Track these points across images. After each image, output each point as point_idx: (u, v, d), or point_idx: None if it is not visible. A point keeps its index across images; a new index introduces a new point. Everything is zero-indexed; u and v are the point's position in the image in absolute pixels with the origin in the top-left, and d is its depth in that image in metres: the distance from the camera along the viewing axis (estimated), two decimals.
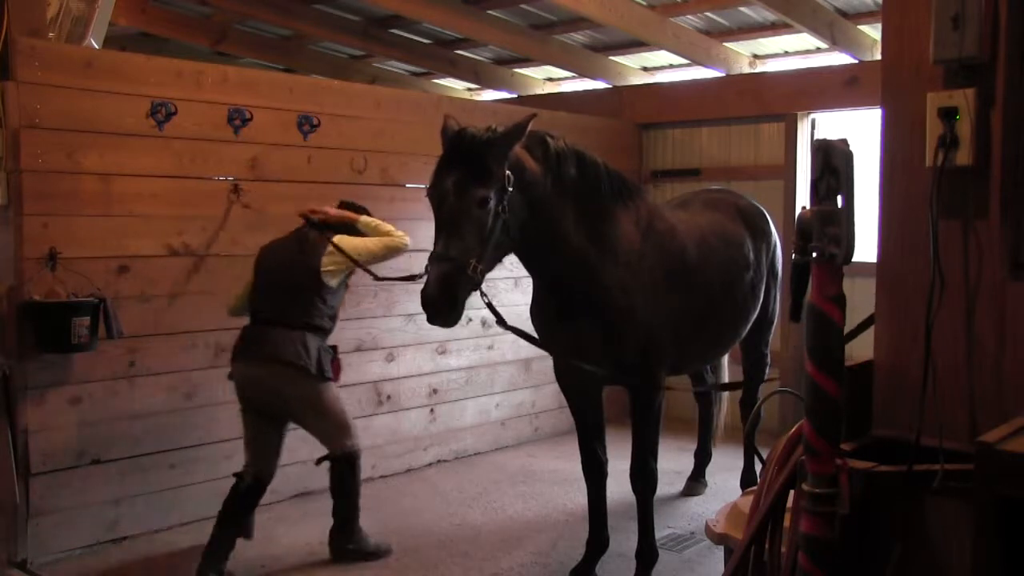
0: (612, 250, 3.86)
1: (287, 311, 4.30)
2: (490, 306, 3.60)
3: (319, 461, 4.49)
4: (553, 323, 4.03)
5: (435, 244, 3.40)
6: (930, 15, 2.20)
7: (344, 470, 4.46)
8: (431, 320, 3.39)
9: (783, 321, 6.11)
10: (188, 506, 4.90)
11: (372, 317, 5.69)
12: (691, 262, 4.19)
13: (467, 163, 3.39)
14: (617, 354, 3.92)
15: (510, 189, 3.44)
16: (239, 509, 4.29)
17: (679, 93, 7.55)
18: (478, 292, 3.46)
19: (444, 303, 3.32)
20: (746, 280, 4.65)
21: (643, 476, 4.11)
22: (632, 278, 3.88)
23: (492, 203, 3.38)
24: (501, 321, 3.76)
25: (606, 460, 4.28)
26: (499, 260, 3.66)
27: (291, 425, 4.50)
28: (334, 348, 4.46)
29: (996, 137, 2.16)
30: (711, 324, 4.43)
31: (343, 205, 4.63)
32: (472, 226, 3.35)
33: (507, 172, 3.43)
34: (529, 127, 3.50)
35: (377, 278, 4.57)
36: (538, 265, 3.88)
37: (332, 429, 4.43)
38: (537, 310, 4.13)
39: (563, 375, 4.26)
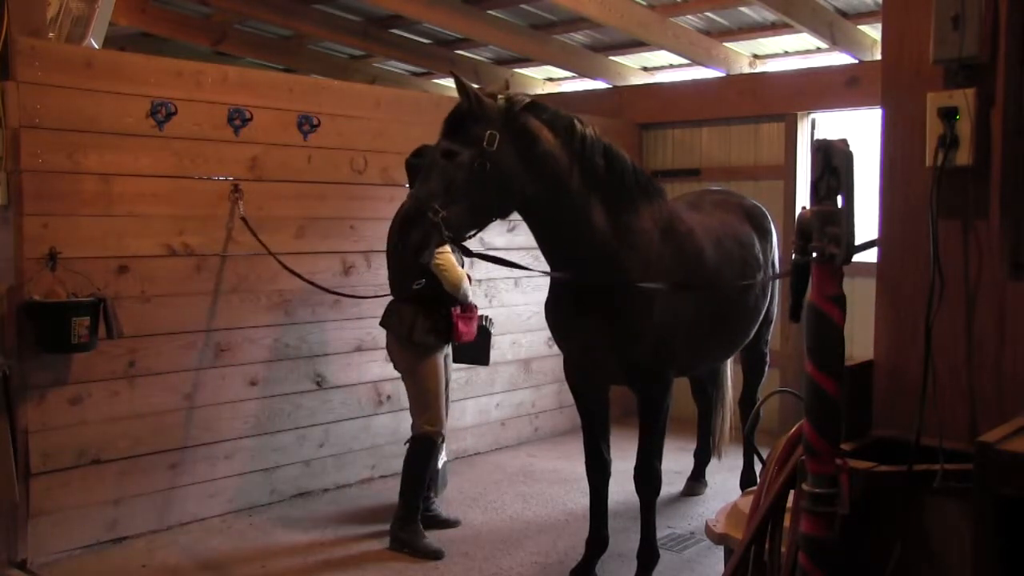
0: (633, 246, 3.88)
1: (391, 282, 4.78)
2: (453, 239, 3.70)
3: (406, 442, 4.75)
4: (567, 319, 4.03)
5: None
6: (930, 15, 2.20)
7: (412, 451, 4.65)
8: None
9: (783, 320, 6.11)
10: (188, 506, 4.91)
11: (372, 317, 5.66)
12: (709, 264, 4.20)
13: (446, 121, 3.68)
14: (630, 353, 3.92)
15: (490, 148, 3.54)
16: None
17: (679, 93, 7.55)
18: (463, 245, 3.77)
19: (402, 233, 3.64)
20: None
21: (647, 477, 4.11)
22: (650, 277, 3.88)
23: (463, 157, 3.56)
24: (466, 251, 3.99)
25: (610, 460, 4.29)
26: (483, 215, 3.73)
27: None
28: (447, 310, 4.62)
29: (996, 137, 2.16)
30: (725, 326, 4.44)
31: None
32: (437, 175, 3.59)
33: (490, 132, 3.55)
34: (465, 88, 3.59)
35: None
36: (557, 247, 3.89)
37: (417, 404, 4.68)
38: (553, 304, 4.13)
39: (572, 373, 4.26)
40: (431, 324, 4.57)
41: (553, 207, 3.75)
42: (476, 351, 5.02)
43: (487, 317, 5.15)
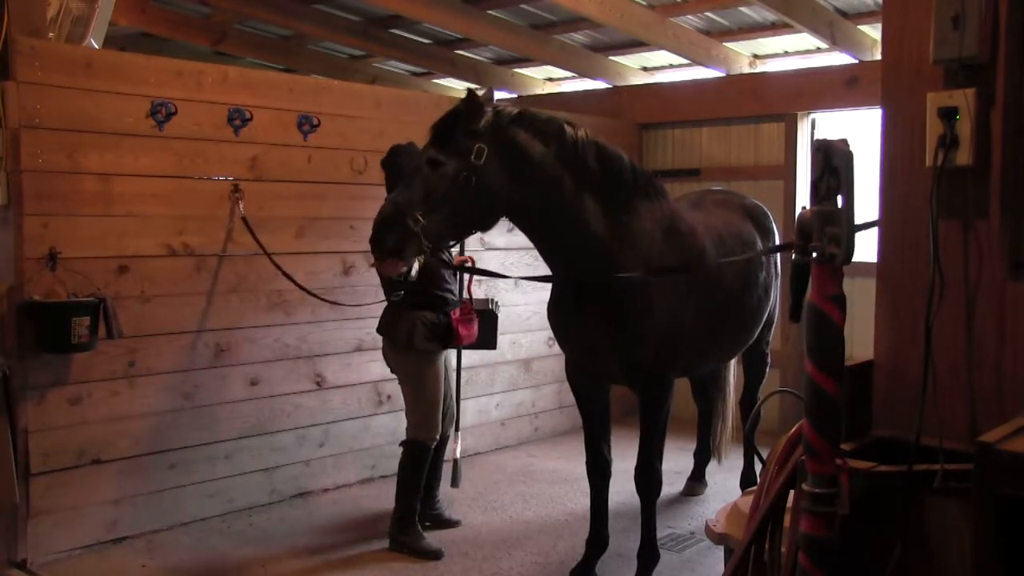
0: (634, 246, 3.86)
1: (384, 287, 4.68)
2: (432, 250, 3.74)
3: (401, 444, 4.72)
4: (569, 319, 4.03)
5: None
6: (930, 15, 2.20)
7: (405, 457, 4.63)
8: (373, 253, 3.73)
9: (783, 320, 6.11)
10: (188, 506, 4.91)
11: (372, 317, 5.66)
12: (711, 264, 4.19)
13: (434, 128, 3.65)
14: (631, 354, 3.92)
15: (477, 162, 3.53)
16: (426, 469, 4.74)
17: (679, 93, 7.55)
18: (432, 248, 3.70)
19: (376, 239, 3.59)
20: (760, 281, 4.65)
21: (648, 478, 4.11)
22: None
23: (448, 169, 3.54)
24: (447, 265, 4.07)
25: (610, 460, 4.29)
26: (464, 227, 3.76)
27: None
28: (447, 315, 4.60)
29: (996, 137, 2.16)
30: (727, 327, 4.43)
31: None
32: (419, 183, 3.58)
33: (479, 146, 3.54)
34: (477, 100, 3.59)
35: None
36: (555, 252, 3.89)
37: (414, 410, 4.63)
38: (554, 304, 4.13)
39: (573, 373, 4.26)
40: (430, 330, 4.53)
41: (546, 214, 3.72)
42: (483, 336, 4.95)
43: (493, 300, 5.10)
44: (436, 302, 4.56)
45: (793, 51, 7.15)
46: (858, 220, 2.05)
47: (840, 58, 6.77)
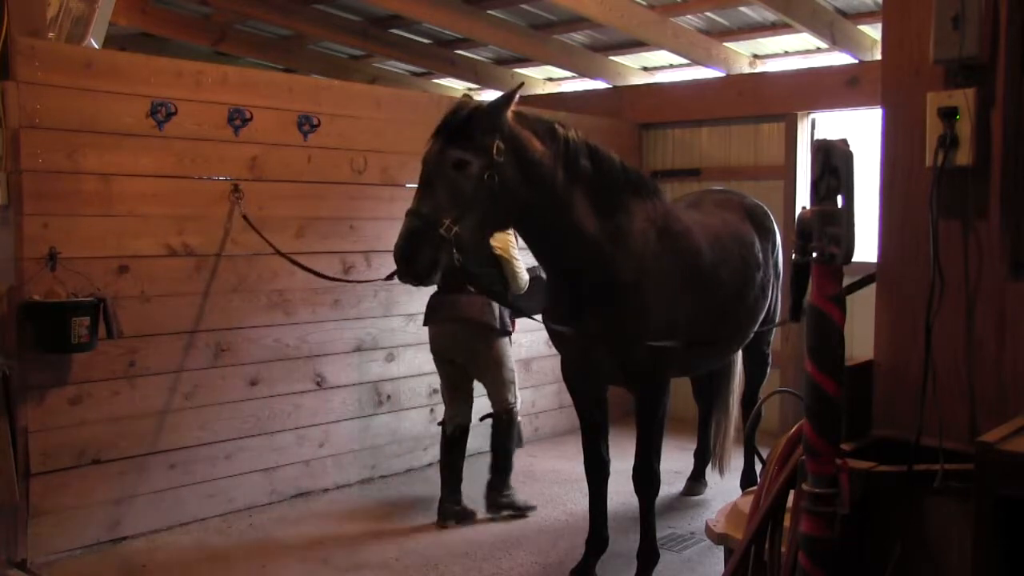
0: (627, 245, 3.86)
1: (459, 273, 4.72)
2: (464, 269, 3.59)
3: (483, 418, 5.13)
4: (564, 320, 4.02)
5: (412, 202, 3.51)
6: (930, 15, 2.20)
7: (499, 427, 5.05)
8: (400, 276, 3.50)
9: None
10: (188, 506, 4.91)
11: (372, 317, 5.69)
12: (706, 264, 4.18)
13: (449, 128, 3.50)
14: (628, 355, 3.92)
15: (499, 159, 3.46)
16: (454, 455, 5.08)
17: (679, 93, 7.55)
18: (457, 255, 3.46)
19: (408, 258, 3.40)
20: (757, 281, 4.65)
21: (646, 478, 4.11)
22: (647, 277, 3.87)
23: (474, 168, 3.43)
24: (473, 283, 3.84)
25: (609, 460, 4.29)
26: (488, 229, 3.69)
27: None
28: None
29: (996, 137, 2.16)
30: (724, 327, 4.42)
31: None
32: (446, 186, 3.42)
33: (497, 142, 3.47)
34: (516, 96, 3.55)
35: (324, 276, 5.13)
36: (550, 254, 3.88)
37: (500, 385, 5.02)
38: (550, 307, 4.12)
39: (571, 375, 4.25)
40: (509, 313, 4.91)
41: (544, 215, 3.70)
42: (536, 301, 4.81)
43: (537, 266, 5.06)
44: (497, 295, 4.85)
45: (793, 51, 7.14)
46: (858, 225, 2.05)
47: (840, 58, 6.77)
